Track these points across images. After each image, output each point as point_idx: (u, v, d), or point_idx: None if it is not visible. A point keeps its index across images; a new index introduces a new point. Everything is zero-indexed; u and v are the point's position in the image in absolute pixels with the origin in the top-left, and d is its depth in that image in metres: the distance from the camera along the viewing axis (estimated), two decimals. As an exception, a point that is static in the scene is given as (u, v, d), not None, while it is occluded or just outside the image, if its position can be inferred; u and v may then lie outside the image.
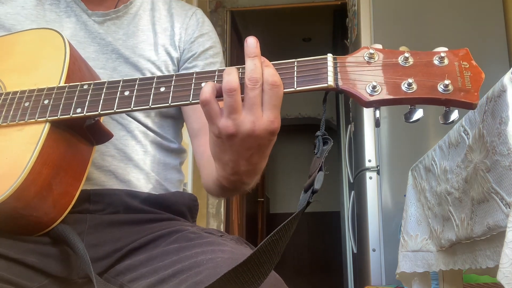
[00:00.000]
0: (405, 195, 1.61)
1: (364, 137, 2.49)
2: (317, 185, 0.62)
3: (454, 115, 0.63)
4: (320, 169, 0.63)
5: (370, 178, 2.43)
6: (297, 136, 6.03)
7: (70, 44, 0.83)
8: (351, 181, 2.94)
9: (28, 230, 0.78)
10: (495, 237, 0.94)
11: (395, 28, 2.57)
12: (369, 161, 2.45)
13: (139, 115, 0.94)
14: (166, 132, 0.99)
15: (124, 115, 0.93)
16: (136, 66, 0.94)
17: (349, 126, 3.00)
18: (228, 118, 0.65)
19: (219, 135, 0.67)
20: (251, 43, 0.67)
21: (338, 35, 4.28)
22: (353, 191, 2.88)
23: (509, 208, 0.83)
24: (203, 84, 0.67)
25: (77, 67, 0.82)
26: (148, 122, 0.95)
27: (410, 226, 1.52)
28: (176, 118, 1.01)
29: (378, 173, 2.42)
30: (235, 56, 4.06)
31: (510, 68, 0.85)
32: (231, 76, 0.65)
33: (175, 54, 1.00)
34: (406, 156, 2.29)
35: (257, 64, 0.65)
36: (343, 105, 4.16)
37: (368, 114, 2.51)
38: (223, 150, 0.69)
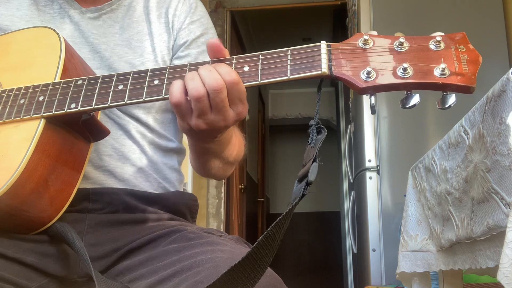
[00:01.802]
0: (405, 195, 1.61)
1: (364, 137, 2.49)
2: (311, 177, 0.62)
3: (452, 99, 0.62)
4: (314, 160, 0.63)
5: (370, 178, 2.43)
6: (297, 136, 6.04)
7: (65, 42, 0.83)
8: (351, 181, 2.94)
9: (25, 228, 0.78)
10: (495, 237, 0.94)
11: (395, 28, 2.55)
12: (369, 161, 2.45)
13: (139, 112, 0.93)
14: (167, 129, 0.98)
15: (121, 114, 0.92)
16: (131, 63, 0.93)
17: (349, 126, 3.00)
18: (199, 118, 0.69)
19: (190, 130, 0.72)
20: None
21: (338, 35, 4.28)
22: (353, 191, 2.88)
23: (509, 208, 0.82)
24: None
25: (73, 64, 0.82)
26: (149, 120, 0.94)
27: (410, 226, 1.52)
28: None
29: (378, 173, 2.42)
30: (235, 56, 4.05)
31: (510, 68, 0.85)
32: (195, 82, 0.67)
33: (171, 41, 0.98)
34: (406, 156, 2.29)
35: (212, 70, 0.67)
36: (343, 105, 4.15)
37: (368, 114, 2.50)
38: (196, 135, 0.76)
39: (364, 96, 2.58)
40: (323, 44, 0.67)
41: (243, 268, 0.58)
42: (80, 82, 0.76)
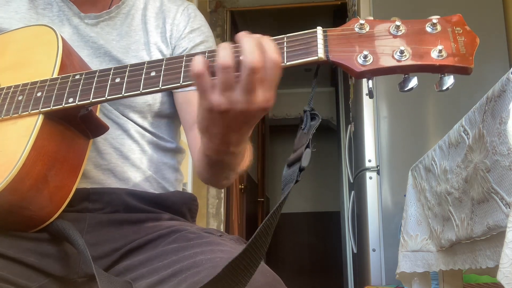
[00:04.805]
0: (405, 195, 1.61)
1: (364, 137, 2.49)
2: (304, 163, 0.61)
3: (450, 81, 0.61)
4: (307, 146, 0.62)
5: (370, 178, 2.43)
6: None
7: (63, 39, 0.83)
8: (351, 181, 2.94)
9: (25, 225, 0.78)
10: (495, 237, 0.94)
11: (395, 28, 2.57)
12: (369, 161, 2.45)
13: (134, 116, 0.94)
14: (163, 132, 0.98)
15: (119, 114, 0.92)
16: None
17: (349, 126, 3.00)
18: (222, 95, 0.62)
19: (210, 110, 0.64)
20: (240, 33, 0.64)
21: (338, 35, 4.27)
22: (353, 191, 2.88)
23: (509, 208, 0.82)
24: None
25: (70, 61, 0.82)
26: (145, 123, 0.95)
27: (410, 226, 1.52)
28: (172, 117, 1.01)
29: (378, 173, 2.42)
30: (235, 56, 4.05)
31: (510, 68, 0.85)
32: (226, 51, 0.62)
33: (167, 51, 0.99)
34: (406, 156, 2.29)
35: (256, 44, 0.61)
36: (343, 105, 4.15)
37: (368, 114, 2.51)
38: (213, 124, 0.66)
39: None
40: (319, 29, 0.66)
41: (242, 259, 0.57)
42: (77, 77, 0.76)
